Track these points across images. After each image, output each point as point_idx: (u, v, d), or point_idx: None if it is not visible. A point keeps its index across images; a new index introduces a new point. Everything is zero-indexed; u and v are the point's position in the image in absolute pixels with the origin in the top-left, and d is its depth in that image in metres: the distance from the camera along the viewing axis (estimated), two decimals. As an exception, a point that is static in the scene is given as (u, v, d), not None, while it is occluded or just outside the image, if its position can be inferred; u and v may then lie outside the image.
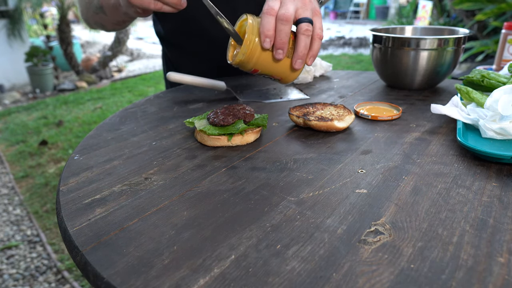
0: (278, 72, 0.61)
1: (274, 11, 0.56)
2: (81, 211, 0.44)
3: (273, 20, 0.56)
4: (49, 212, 2.11)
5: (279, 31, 0.56)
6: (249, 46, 0.57)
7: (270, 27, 0.55)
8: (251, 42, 0.57)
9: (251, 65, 0.59)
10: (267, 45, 0.56)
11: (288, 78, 0.63)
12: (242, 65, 0.60)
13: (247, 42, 0.57)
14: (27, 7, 5.19)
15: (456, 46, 0.84)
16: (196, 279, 0.33)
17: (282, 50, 0.57)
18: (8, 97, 4.54)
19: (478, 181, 0.48)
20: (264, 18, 0.56)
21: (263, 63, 0.59)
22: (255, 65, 0.59)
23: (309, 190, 0.47)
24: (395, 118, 0.71)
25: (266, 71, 0.61)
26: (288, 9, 0.56)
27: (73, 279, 1.61)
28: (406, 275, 0.33)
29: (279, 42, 0.56)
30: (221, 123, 0.60)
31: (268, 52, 0.58)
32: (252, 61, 0.59)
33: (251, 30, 0.57)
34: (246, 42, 0.57)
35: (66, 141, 3.08)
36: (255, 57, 0.58)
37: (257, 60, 0.59)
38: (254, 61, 0.59)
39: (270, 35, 0.56)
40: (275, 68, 0.60)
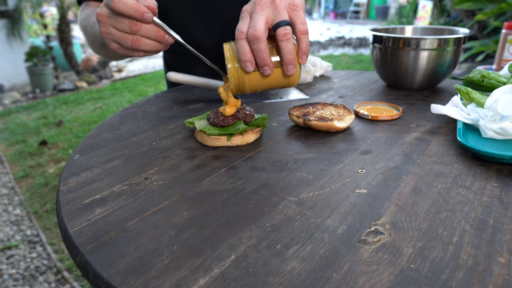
0: (277, 83, 0.59)
1: (243, 34, 0.54)
2: (81, 211, 0.44)
3: (246, 43, 0.54)
4: (49, 212, 2.11)
5: (255, 51, 0.53)
6: (234, 75, 0.57)
7: (245, 51, 0.53)
8: (235, 70, 0.56)
9: (247, 89, 0.58)
10: (249, 69, 0.55)
11: (291, 82, 0.60)
12: (239, 91, 0.59)
13: (231, 71, 0.56)
14: (27, 7, 5.19)
15: (456, 46, 0.84)
16: (196, 279, 0.33)
17: (267, 66, 0.55)
18: (8, 97, 4.54)
19: (478, 181, 0.48)
20: (237, 44, 0.54)
21: (257, 83, 0.58)
22: (251, 87, 0.59)
23: (309, 190, 0.47)
24: (395, 118, 0.71)
25: (266, 87, 0.59)
26: (256, 26, 0.53)
27: (73, 279, 1.61)
28: (406, 275, 0.33)
29: (260, 61, 0.54)
30: (221, 123, 0.60)
31: (257, 72, 0.57)
32: (245, 86, 0.58)
33: (231, 59, 0.56)
34: (230, 73, 0.56)
35: (66, 141, 3.08)
36: (246, 82, 0.57)
37: (249, 83, 0.58)
38: (247, 85, 0.58)
39: (247, 59, 0.54)
40: (272, 82, 0.59)
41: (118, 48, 0.63)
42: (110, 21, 0.59)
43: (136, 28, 0.58)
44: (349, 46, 7.50)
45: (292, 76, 0.58)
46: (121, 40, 0.60)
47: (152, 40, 0.61)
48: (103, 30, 0.61)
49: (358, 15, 12.64)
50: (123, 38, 0.60)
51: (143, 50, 0.62)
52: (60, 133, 3.29)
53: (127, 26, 0.58)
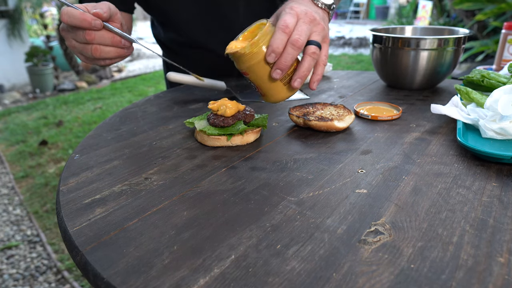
0: (265, 88, 0.59)
1: (289, 29, 0.54)
2: (81, 211, 0.44)
3: (285, 39, 0.54)
4: (49, 212, 2.11)
5: (286, 53, 0.54)
6: (253, 49, 0.55)
7: (280, 44, 0.54)
8: (258, 47, 0.55)
9: (245, 66, 0.57)
10: (270, 59, 0.55)
11: (271, 98, 0.61)
12: (238, 60, 0.58)
13: (255, 44, 0.55)
14: (27, 7, 5.19)
15: (456, 46, 0.84)
16: (196, 279, 0.33)
17: (282, 71, 0.56)
18: (8, 97, 4.54)
19: (478, 181, 0.48)
20: (278, 33, 0.54)
21: (257, 72, 0.57)
22: (249, 68, 0.57)
23: (309, 190, 0.47)
24: (395, 118, 0.71)
25: (256, 80, 0.59)
26: (301, 34, 0.55)
27: (73, 279, 1.61)
28: (406, 275, 0.33)
29: (282, 63, 0.55)
30: (221, 124, 0.60)
31: (267, 66, 0.57)
32: (248, 63, 0.57)
33: (264, 37, 0.55)
34: (253, 43, 0.55)
35: (66, 141, 3.08)
36: (253, 62, 0.56)
37: (253, 66, 0.57)
38: (250, 64, 0.57)
39: (277, 52, 0.54)
40: (265, 83, 0.59)
41: (84, 59, 0.63)
42: (70, 34, 0.60)
43: (90, 37, 0.58)
44: (349, 46, 7.50)
45: (279, 94, 0.60)
46: (83, 51, 0.61)
47: (109, 46, 0.61)
48: (68, 44, 0.62)
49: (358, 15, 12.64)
50: (84, 49, 0.60)
51: (105, 58, 0.62)
52: (60, 133, 3.29)
53: (82, 37, 0.58)
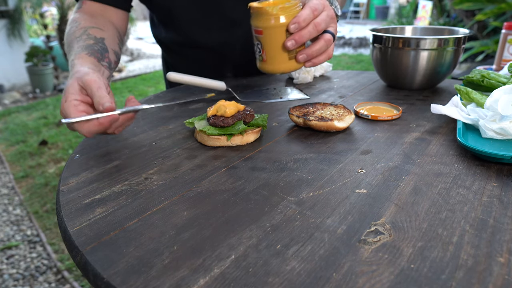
0: (272, 53, 0.63)
1: (317, 12, 0.61)
2: (81, 211, 0.44)
3: (311, 18, 0.60)
4: (49, 212, 2.11)
5: (307, 30, 0.60)
6: (280, 12, 0.59)
7: (306, 20, 0.60)
8: (285, 13, 0.60)
9: (264, 25, 0.61)
10: (292, 29, 0.60)
11: (271, 66, 0.65)
12: (259, 17, 0.61)
13: (283, 9, 0.59)
14: (27, 7, 5.18)
15: (456, 46, 0.84)
16: (196, 279, 0.33)
17: (296, 43, 0.61)
18: (8, 97, 4.54)
19: (478, 181, 0.48)
20: (307, 10, 0.60)
21: (272, 35, 0.61)
22: (266, 29, 0.61)
23: (309, 190, 0.47)
24: (395, 118, 0.71)
25: (267, 42, 0.63)
26: (323, 21, 0.62)
27: (73, 279, 1.61)
28: (406, 275, 0.33)
29: (300, 36, 0.60)
30: (221, 124, 0.60)
31: (283, 34, 0.61)
32: (268, 23, 0.60)
33: (292, 8, 0.60)
34: (283, 8, 0.59)
35: (66, 141, 3.08)
36: (274, 24, 0.60)
37: (271, 28, 0.61)
38: (270, 25, 0.60)
39: (301, 25, 0.60)
40: (274, 48, 0.62)
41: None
42: None
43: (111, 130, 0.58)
44: (349, 46, 7.50)
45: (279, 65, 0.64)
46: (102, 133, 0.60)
47: (127, 121, 0.61)
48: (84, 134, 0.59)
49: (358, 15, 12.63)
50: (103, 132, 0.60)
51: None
52: (60, 133, 3.29)
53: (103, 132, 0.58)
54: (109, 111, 0.55)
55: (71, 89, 0.56)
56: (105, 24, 0.80)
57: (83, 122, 0.54)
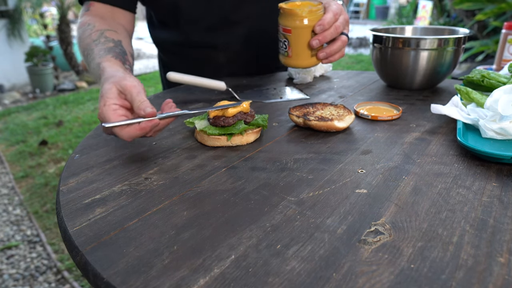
0: (298, 49, 0.71)
1: (337, 16, 0.71)
2: (81, 211, 0.44)
3: (334, 21, 0.70)
4: (49, 212, 2.11)
5: (329, 31, 0.70)
6: (308, 15, 0.68)
7: (330, 22, 0.69)
8: (312, 16, 0.68)
9: (293, 24, 0.69)
10: (318, 30, 0.69)
11: (295, 61, 0.73)
12: (289, 17, 0.69)
13: (311, 12, 0.68)
14: (27, 7, 5.18)
15: (456, 46, 0.84)
16: (196, 279, 0.33)
17: (320, 42, 0.70)
18: (8, 97, 4.54)
19: (478, 181, 0.48)
20: (331, 14, 0.69)
21: (300, 34, 0.70)
22: (295, 28, 0.69)
23: (309, 190, 0.47)
24: (395, 118, 0.71)
25: (294, 40, 0.71)
26: (341, 25, 0.71)
27: (73, 279, 1.61)
28: (406, 275, 0.33)
29: (324, 36, 0.70)
30: (221, 123, 0.60)
31: (308, 34, 0.70)
32: (297, 23, 0.69)
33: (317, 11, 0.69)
34: (311, 11, 0.68)
35: (66, 141, 3.08)
36: (302, 24, 0.68)
37: (300, 28, 0.69)
38: (298, 25, 0.69)
39: (325, 27, 0.69)
40: (300, 46, 0.71)
41: None
42: None
43: (152, 135, 0.58)
44: (349, 46, 7.49)
45: (310, 61, 0.74)
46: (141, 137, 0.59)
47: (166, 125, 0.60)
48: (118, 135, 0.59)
49: (358, 15, 12.63)
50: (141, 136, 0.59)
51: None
52: (60, 133, 3.29)
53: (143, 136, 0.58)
54: (151, 116, 0.54)
55: (109, 94, 0.56)
56: (117, 27, 0.81)
57: (124, 127, 0.54)
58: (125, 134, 0.54)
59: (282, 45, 0.73)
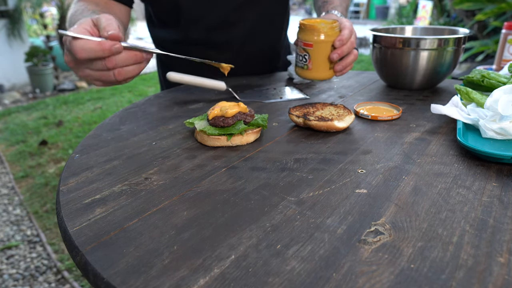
0: (318, 62, 0.77)
1: (352, 33, 0.76)
2: (81, 211, 0.44)
3: (349, 37, 0.75)
4: (49, 212, 2.11)
5: (346, 46, 0.75)
6: (328, 30, 0.74)
7: (348, 38, 0.75)
8: (332, 31, 0.74)
9: (315, 39, 0.74)
10: (338, 44, 0.74)
11: (315, 73, 0.78)
12: (311, 32, 0.74)
13: (332, 28, 0.74)
14: (27, 7, 5.18)
15: (456, 46, 0.84)
16: (196, 279, 0.33)
17: (338, 55, 0.75)
18: (8, 97, 4.54)
19: (478, 181, 0.48)
20: (348, 31, 0.75)
21: (321, 48, 0.75)
22: (316, 42, 0.74)
23: (309, 190, 0.47)
24: (395, 118, 0.71)
25: (315, 54, 0.76)
26: (355, 41, 0.78)
27: (73, 279, 1.61)
28: (406, 275, 0.33)
29: (342, 50, 0.75)
30: (221, 124, 0.61)
31: (328, 48, 0.75)
32: (318, 38, 0.74)
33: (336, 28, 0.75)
34: (331, 27, 0.74)
35: (66, 141, 3.08)
36: (323, 39, 0.74)
37: (321, 42, 0.74)
38: (320, 40, 0.74)
39: (343, 42, 0.75)
40: (320, 59, 0.76)
41: (102, 84, 0.60)
42: (82, 65, 0.56)
43: (112, 64, 0.55)
44: (349, 46, 7.49)
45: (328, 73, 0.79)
46: (103, 78, 0.58)
47: (132, 65, 0.58)
48: (80, 75, 0.58)
49: (358, 15, 12.62)
50: (104, 76, 0.57)
51: (128, 77, 0.60)
52: (60, 133, 3.29)
53: (101, 66, 0.55)
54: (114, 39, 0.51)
55: (84, 22, 0.54)
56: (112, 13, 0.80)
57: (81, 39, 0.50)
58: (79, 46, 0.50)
59: (301, 58, 0.78)
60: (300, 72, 0.80)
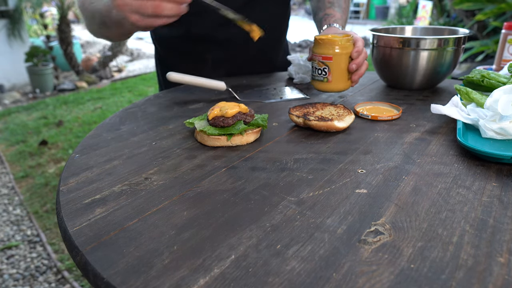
0: (337, 74, 0.80)
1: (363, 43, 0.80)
2: (81, 211, 0.44)
3: (363, 47, 0.80)
4: (49, 212, 2.11)
5: (361, 56, 0.79)
6: (345, 43, 0.78)
7: (362, 48, 0.79)
8: (349, 43, 0.79)
9: (334, 52, 0.78)
10: (355, 55, 0.78)
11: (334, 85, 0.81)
12: (329, 46, 0.78)
13: (348, 39, 0.78)
14: (27, 7, 5.18)
15: (456, 46, 0.84)
16: (196, 279, 0.33)
17: (356, 66, 0.79)
18: (8, 97, 4.54)
19: (478, 181, 0.48)
20: (360, 41, 0.80)
21: (340, 60, 0.79)
22: (335, 55, 0.78)
23: (309, 190, 0.47)
24: (395, 118, 0.71)
25: (335, 66, 0.79)
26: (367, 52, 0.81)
27: (73, 279, 1.61)
28: (406, 275, 0.33)
29: (359, 60, 0.79)
30: (221, 124, 0.61)
31: (347, 59, 0.79)
32: (336, 51, 0.78)
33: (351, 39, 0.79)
34: (348, 39, 0.78)
35: (66, 141, 3.08)
36: (342, 51, 0.78)
37: (340, 55, 0.78)
38: (339, 53, 0.78)
39: (359, 53, 0.79)
40: (339, 71, 0.80)
41: (138, 19, 0.61)
42: None
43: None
44: (349, 46, 7.49)
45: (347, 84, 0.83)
46: (141, 9, 0.58)
47: (172, 2, 0.59)
48: (119, 3, 0.59)
49: (358, 15, 12.62)
50: (143, 6, 0.58)
51: (165, 15, 0.60)
52: (60, 133, 3.29)
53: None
54: None
55: None
56: None
57: None
58: None
59: (320, 72, 0.81)
60: (319, 85, 0.83)
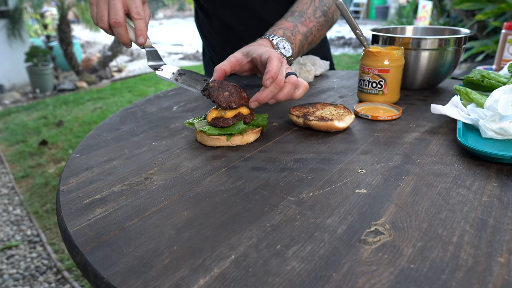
0: (393, 86, 0.79)
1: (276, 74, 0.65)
2: (81, 211, 0.44)
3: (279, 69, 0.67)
4: (49, 212, 2.11)
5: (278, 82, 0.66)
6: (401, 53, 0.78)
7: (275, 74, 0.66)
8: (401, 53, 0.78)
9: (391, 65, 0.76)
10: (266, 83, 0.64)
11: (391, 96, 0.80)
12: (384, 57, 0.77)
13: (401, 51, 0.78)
14: (27, 7, 5.18)
15: (456, 46, 0.84)
16: (196, 279, 0.33)
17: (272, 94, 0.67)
18: (8, 97, 4.54)
19: (478, 181, 0.48)
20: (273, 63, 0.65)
21: (396, 72, 0.78)
22: (393, 68, 0.77)
23: (309, 190, 0.47)
24: (395, 118, 0.71)
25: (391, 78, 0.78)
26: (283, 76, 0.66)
27: (73, 279, 1.61)
28: (406, 275, 0.33)
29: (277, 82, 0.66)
30: (221, 124, 0.61)
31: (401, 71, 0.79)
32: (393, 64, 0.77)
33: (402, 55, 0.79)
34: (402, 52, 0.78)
35: (66, 141, 3.08)
36: (397, 64, 0.77)
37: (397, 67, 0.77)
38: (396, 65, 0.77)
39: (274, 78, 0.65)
40: (395, 82, 0.79)
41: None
42: None
43: None
44: (349, 46, 7.49)
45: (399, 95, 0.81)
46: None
47: None
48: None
49: (358, 15, 12.62)
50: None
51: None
52: (60, 133, 3.29)
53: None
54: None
55: None
56: None
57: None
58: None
59: (376, 85, 0.79)
60: (373, 98, 0.80)
